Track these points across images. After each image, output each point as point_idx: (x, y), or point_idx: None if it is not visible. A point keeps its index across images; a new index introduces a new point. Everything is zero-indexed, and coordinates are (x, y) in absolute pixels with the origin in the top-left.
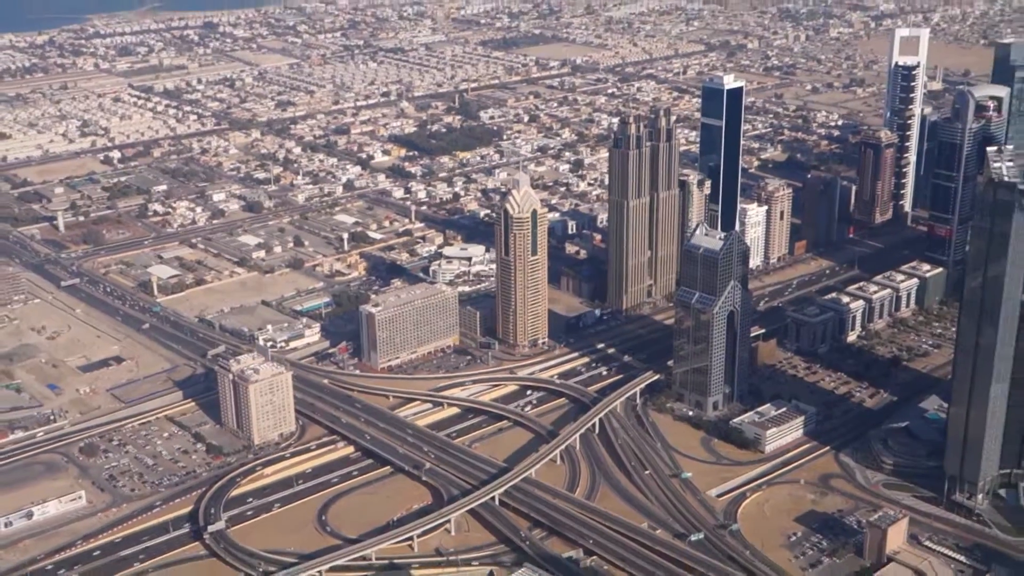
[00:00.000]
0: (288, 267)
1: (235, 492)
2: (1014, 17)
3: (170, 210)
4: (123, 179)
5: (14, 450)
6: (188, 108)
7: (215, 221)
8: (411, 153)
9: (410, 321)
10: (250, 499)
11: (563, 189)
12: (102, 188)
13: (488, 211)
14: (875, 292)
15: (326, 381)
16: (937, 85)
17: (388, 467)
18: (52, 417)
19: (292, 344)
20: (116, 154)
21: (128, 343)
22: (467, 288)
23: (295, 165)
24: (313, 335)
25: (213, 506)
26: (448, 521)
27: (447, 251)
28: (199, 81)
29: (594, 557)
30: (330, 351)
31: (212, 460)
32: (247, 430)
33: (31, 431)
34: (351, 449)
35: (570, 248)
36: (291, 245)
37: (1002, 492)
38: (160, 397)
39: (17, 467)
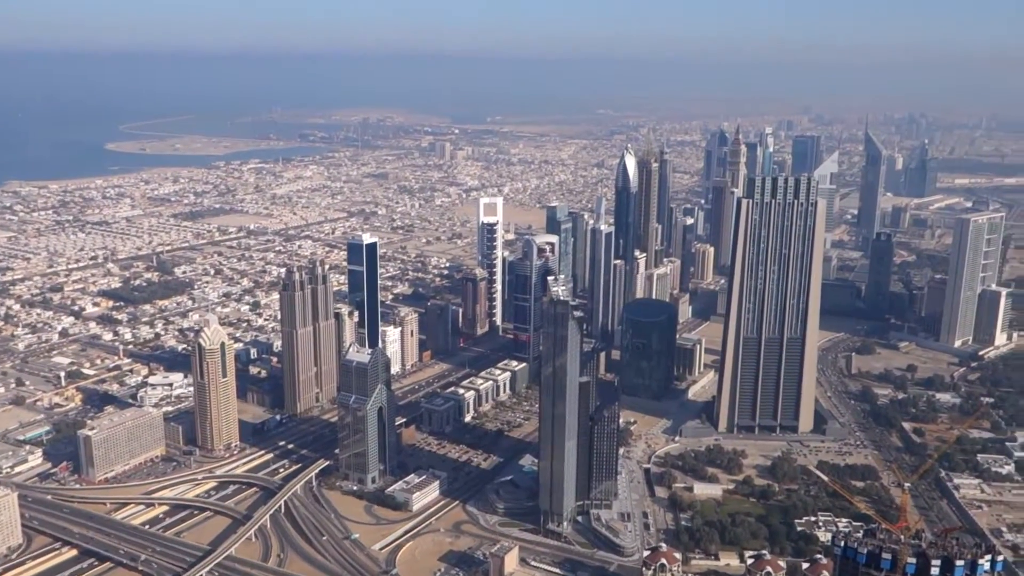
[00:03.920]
0: (11, 404)
1: None
2: (555, 188)
3: None
4: None
5: None
6: None
7: None
8: (118, 304)
9: (122, 439)
10: None
11: (245, 324)
12: None
13: (185, 345)
14: (482, 384)
15: (49, 496)
16: (511, 236)
17: (108, 563)
18: None
19: (17, 469)
20: None
21: None
22: (170, 408)
23: (15, 319)
24: (36, 459)
25: None
26: None
27: (152, 380)
28: None
29: None
30: (52, 471)
31: None
32: None
33: None
34: (75, 552)
35: (253, 369)
36: (13, 385)
37: (579, 518)
38: None
39: None
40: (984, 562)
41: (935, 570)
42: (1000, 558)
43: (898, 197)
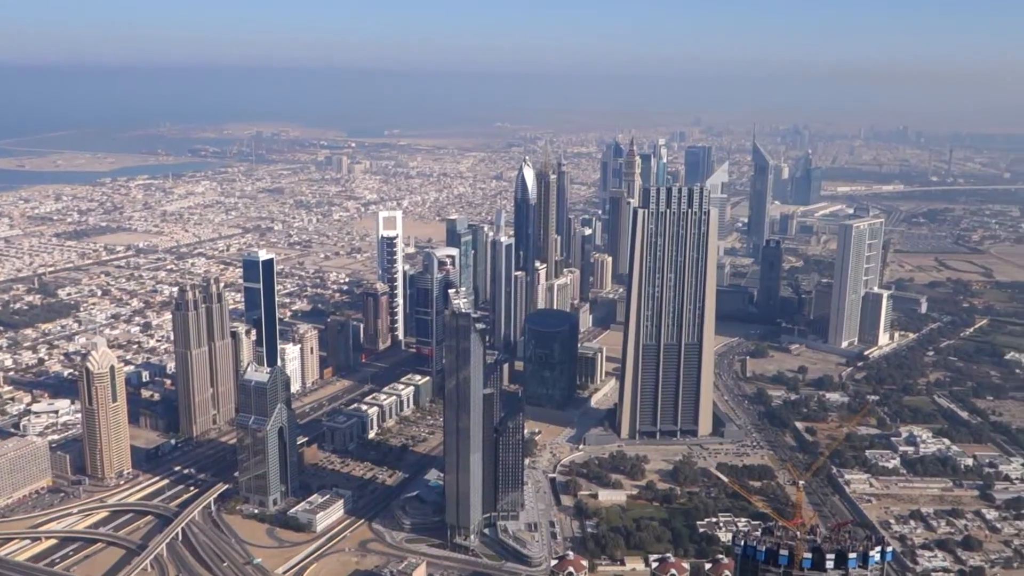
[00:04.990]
0: None
1: None
2: (455, 201)
3: None
4: None
5: None
6: None
7: None
8: None
9: (4, 471)
10: None
11: (136, 346)
12: None
13: (72, 370)
14: (385, 399)
15: None
16: (411, 249)
17: None
18: None
19: None
20: None
21: None
22: (57, 436)
23: None
24: None
25: None
26: None
27: (35, 407)
28: None
29: None
30: None
31: None
32: None
33: None
34: None
35: (146, 393)
36: None
37: (486, 531)
38: None
39: None
40: (875, 553)
41: (830, 563)
42: (889, 549)
43: (785, 205)
